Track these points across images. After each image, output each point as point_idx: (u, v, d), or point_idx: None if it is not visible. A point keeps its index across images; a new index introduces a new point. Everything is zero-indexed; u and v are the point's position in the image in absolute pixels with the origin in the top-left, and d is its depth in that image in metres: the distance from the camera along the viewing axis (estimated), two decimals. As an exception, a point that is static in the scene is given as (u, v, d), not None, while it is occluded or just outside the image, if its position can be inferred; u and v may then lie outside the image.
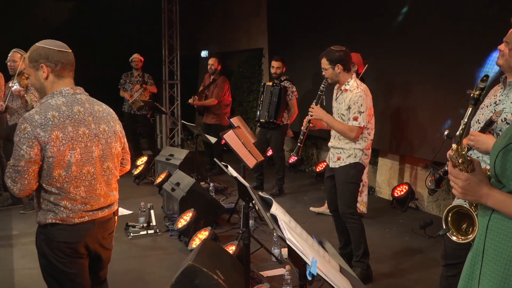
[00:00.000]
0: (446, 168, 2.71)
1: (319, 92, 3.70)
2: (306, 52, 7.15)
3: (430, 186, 2.90)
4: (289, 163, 7.72)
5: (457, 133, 1.63)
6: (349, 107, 3.57)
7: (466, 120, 1.61)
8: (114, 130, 2.37)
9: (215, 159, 4.10)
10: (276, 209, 2.01)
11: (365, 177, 5.26)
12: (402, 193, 5.67)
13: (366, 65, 5.03)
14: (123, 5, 9.26)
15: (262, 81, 9.05)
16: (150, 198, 5.90)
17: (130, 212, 5.42)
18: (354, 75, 3.68)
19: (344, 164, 3.67)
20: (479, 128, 2.39)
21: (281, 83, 6.03)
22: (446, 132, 2.59)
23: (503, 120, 2.32)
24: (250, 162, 4.51)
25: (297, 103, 6.17)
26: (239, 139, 4.53)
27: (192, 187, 4.83)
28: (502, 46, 2.23)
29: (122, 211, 5.33)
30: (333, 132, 3.77)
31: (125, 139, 2.50)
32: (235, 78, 9.63)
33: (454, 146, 1.62)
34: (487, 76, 1.59)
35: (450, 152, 1.67)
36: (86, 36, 9.22)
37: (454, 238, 1.71)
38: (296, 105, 6.16)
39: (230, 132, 4.54)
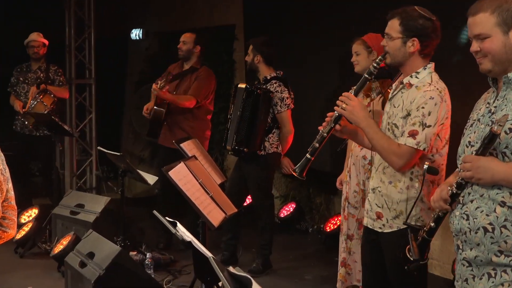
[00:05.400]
0: (432, 224, 2.90)
1: (365, 75, 3.53)
2: (304, 33, 7.28)
3: (411, 256, 2.99)
4: (281, 218, 7.75)
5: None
6: (408, 114, 3.41)
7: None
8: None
9: (154, 212, 4.06)
10: (258, 296, 2.00)
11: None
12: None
13: None
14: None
15: (234, 79, 9.08)
16: (43, 279, 5.84)
17: (9, 304, 5.34)
18: (432, 66, 3.51)
19: (390, 231, 3.54)
20: (473, 151, 2.61)
21: (264, 85, 6.02)
22: (425, 166, 3.07)
23: (508, 131, 2.51)
24: (215, 217, 4.48)
25: (291, 116, 6.15)
26: (195, 178, 4.51)
27: (116, 259, 4.77)
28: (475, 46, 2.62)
29: (-5, 303, 5.25)
30: (376, 158, 3.66)
31: (10, 185, 2.48)
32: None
33: None
34: None
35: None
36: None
37: None
38: (291, 120, 6.14)
39: (180, 165, 4.53)
